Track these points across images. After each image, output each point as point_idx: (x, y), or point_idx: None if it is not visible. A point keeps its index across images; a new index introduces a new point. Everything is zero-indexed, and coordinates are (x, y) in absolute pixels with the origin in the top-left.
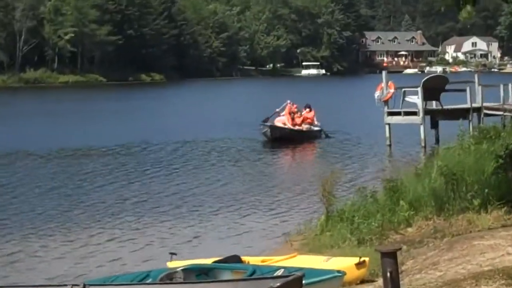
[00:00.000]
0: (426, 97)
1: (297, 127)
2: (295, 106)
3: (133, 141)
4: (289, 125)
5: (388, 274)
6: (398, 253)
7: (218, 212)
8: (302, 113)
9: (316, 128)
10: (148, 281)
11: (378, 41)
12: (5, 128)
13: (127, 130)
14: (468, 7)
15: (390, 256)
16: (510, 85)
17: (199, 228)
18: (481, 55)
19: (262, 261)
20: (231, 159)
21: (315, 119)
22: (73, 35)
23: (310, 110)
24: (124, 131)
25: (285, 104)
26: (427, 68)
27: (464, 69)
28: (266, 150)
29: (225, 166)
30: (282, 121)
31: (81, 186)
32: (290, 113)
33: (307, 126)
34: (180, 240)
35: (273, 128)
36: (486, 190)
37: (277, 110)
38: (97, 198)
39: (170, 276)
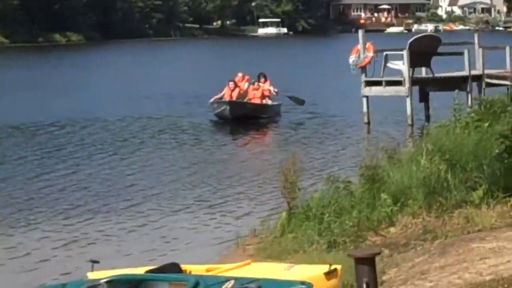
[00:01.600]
0: (414, 63)
1: (259, 102)
2: (246, 78)
3: (47, 120)
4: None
5: (364, 286)
6: (378, 258)
7: (153, 209)
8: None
9: (275, 103)
10: None
11: None
12: None
13: (38, 106)
14: None
15: (367, 263)
16: None
17: (129, 229)
18: (482, 9)
19: (207, 270)
20: (173, 143)
21: (272, 89)
22: None
23: (266, 80)
24: (33, 107)
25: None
26: (415, 26)
27: (461, 27)
28: (216, 131)
29: (165, 152)
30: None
31: None
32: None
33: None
34: (104, 244)
35: (234, 104)
36: (489, 180)
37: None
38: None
39: None
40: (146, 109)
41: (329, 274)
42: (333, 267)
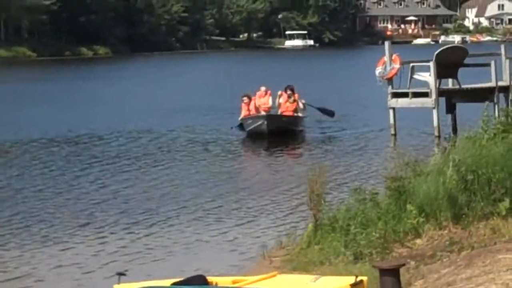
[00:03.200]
0: (440, 74)
1: (292, 114)
2: (269, 92)
3: (73, 131)
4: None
5: None
6: (404, 270)
7: (178, 221)
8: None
9: (305, 115)
10: None
11: (380, 4)
12: None
13: (64, 118)
14: None
15: (392, 274)
16: None
17: (154, 242)
18: (509, 20)
19: (233, 282)
20: (197, 156)
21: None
22: None
23: (293, 93)
24: (60, 119)
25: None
26: (442, 38)
27: (488, 38)
28: (242, 143)
29: (189, 164)
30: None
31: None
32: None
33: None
34: (131, 257)
35: (271, 117)
36: None
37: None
38: (25, 204)
39: None
40: (175, 121)
41: (355, 286)
42: (359, 278)
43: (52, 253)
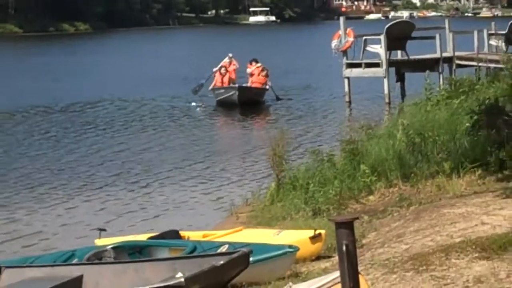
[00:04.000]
0: (390, 47)
1: (261, 86)
2: (233, 62)
3: (64, 101)
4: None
5: (344, 247)
6: (358, 224)
7: (153, 181)
8: (247, 71)
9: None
10: (73, 261)
11: None
12: None
13: (55, 89)
14: None
15: (346, 227)
16: (485, 31)
17: (131, 200)
18: None
19: (204, 236)
20: (170, 122)
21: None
22: None
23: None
24: (51, 90)
25: (225, 61)
26: (392, 13)
27: (433, 13)
28: (209, 112)
29: (163, 130)
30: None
31: None
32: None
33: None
34: (109, 215)
35: (242, 89)
36: (459, 152)
37: (214, 69)
38: (17, 166)
39: (98, 255)
40: (151, 91)
41: (314, 238)
42: (318, 231)
43: (38, 210)
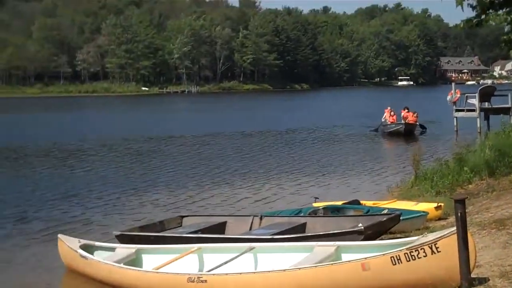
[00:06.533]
0: (481, 100)
1: (415, 122)
2: (392, 110)
3: (284, 126)
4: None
5: (459, 214)
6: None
7: (341, 173)
8: (402, 114)
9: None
10: (300, 215)
11: (448, 63)
12: (210, 114)
13: (284, 119)
14: None
15: (461, 202)
16: None
17: (334, 183)
18: None
19: (374, 204)
20: (349, 140)
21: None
22: (252, 59)
23: (409, 110)
24: (283, 120)
25: (386, 113)
26: (481, 81)
27: (506, 81)
28: (375, 135)
29: (344, 144)
30: (392, 119)
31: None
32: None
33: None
34: (320, 190)
35: (408, 125)
36: None
37: (382, 120)
38: (112, 182)
39: (315, 212)
40: (339, 122)
41: (437, 208)
42: (439, 204)
43: (283, 192)
